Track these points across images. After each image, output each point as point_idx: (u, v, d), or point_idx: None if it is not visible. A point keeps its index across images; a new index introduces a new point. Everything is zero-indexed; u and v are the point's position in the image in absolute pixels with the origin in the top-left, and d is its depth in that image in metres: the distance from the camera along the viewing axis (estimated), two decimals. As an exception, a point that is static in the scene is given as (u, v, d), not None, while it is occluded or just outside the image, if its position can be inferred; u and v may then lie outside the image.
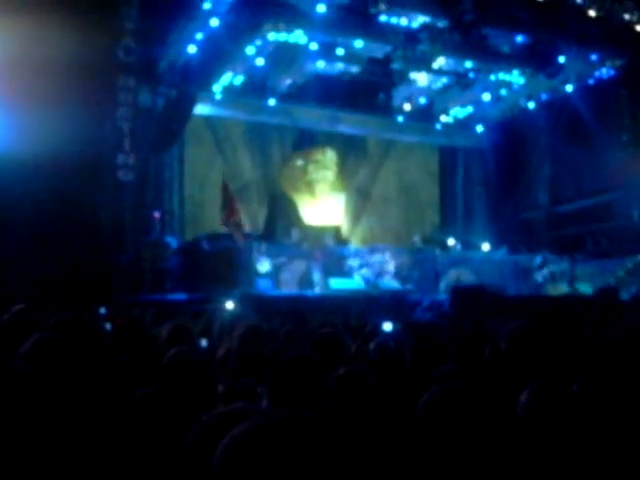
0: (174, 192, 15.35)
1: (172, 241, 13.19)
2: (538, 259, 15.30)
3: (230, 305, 8.83)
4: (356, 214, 18.33)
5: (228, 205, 13.73)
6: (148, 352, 4.08)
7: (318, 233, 16.54)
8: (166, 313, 8.27)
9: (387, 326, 5.36)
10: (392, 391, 3.35)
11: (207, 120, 16.23)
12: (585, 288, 14.12)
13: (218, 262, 11.54)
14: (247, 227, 15.59)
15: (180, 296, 11.11)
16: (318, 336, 4.21)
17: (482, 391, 2.85)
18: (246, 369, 3.59)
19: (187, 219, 15.76)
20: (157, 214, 13.49)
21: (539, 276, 14.96)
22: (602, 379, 2.80)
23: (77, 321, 4.26)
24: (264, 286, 12.53)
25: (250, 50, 13.50)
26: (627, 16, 14.33)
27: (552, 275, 14.80)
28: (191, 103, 14.40)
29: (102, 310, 8.93)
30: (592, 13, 13.92)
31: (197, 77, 14.10)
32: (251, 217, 16.61)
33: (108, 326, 6.65)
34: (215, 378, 2.87)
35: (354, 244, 16.63)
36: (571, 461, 2.28)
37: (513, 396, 2.64)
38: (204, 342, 4.82)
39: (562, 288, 14.41)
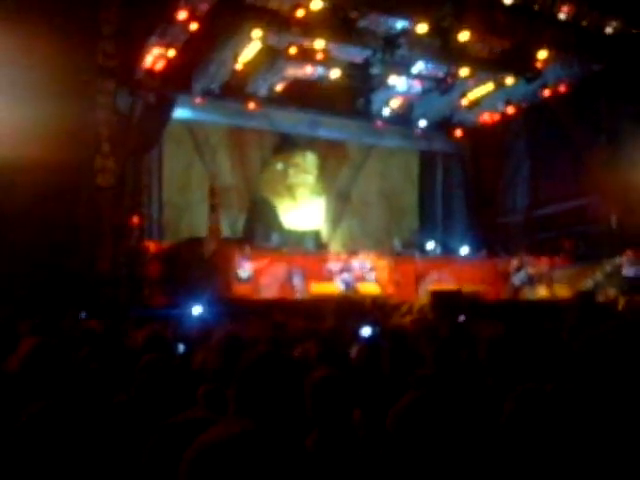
0: (153, 196, 15.26)
1: (151, 246, 13.13)
2: (515, 262, 15.39)
3: (197, 310, 8.78)
4: (336, 218, 18.35)
5: (216, 209, 13.70)
6: (124, 359, 4.06)
7: (298, 237, 16.54)
8: (144, 318, 8.24)
9: (365, 331, 5.37)
10: (370, 395, 3.35)
11: (186, 124, 16.16)
12: (563, 291, 14.23)
13: (197, 267, 11.50)
14: (226, 231, 15.56)
15: (159, 301, 11.05)
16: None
17: (457, 395, 2.86)
18: (222, 378, 3.57)
19: (166, 224, 15.69)
20: (135, 219, 13.41)
21: (517, 279, 15.05)
22: (575, 383, 2.82)
23: (56, 326, 4.24)
24: (244, 291, 12.49)
25: (229, 54, 13.49)
26: (604, 21, 14.46)
27: (530, 278, 14.89)
28: (170, 107, 14.35)
29: (82, 314, 8.88)
30: (570, 18, 14.03)
31: (176, 81, 14.06)
32: (231, 221, 16.56)
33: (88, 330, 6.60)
34: (189, 384, 2.85)
35: (334, 248, 16.63)
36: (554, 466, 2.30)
37: (490, 400, 2.65)
38: (181, 347, 4.79)
39: (540, 291, 14.50)
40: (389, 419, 2.31)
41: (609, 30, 14.45)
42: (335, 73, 14.86)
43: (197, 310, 8.56)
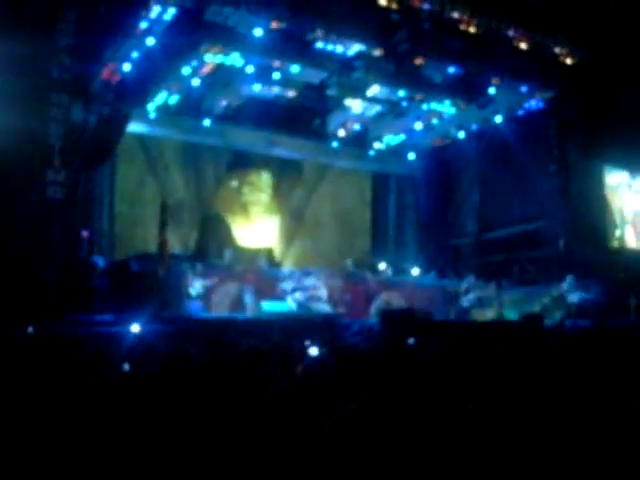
0: (104, 210, 15.09)
1: (100, 260, 12.96)
2: (464, 284, 15.59)
3: (136, 328, 8.67)
4: (289, 237, 18.38)
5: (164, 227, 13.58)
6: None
7: (251, 255, 16.48)
8: (92, 335, 8.13)
9: (313, 350, 5.40)
10: (314, 412, 3.37)
11: (140, 139, 16.06)
12: (511, 314, 14.44)
13: (147, 283, 11.39)
14: (178, 248, 15.44)
15: (107, 317, 10.89)
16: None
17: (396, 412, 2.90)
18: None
19: (117, 238, 15.51)
20: (85, 233, 13.21)
21: (466, 301, 15.24)
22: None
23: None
24: (195, 308, 12.39)
25: (186, 70, 13.48)
26: (557, 49, 14.84)
27: (479, 300, 15.08)
28: (124, 121, 14.22)
29: (30, 329, 8.72)
30: (523, 46, 14.37)
31: (131, 95, 13.96)
32: (182, 237, 16.45)
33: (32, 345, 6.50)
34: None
35: (287, 267, 16.63)
36: None
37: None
38: (126, 366, 4.74)
39: (488, 314, 14.70)
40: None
41: (562, 59, 14.84)
42: (292, 93, 14.97)
43: (135, 328, 8.43)
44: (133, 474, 2.36)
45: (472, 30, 13.71)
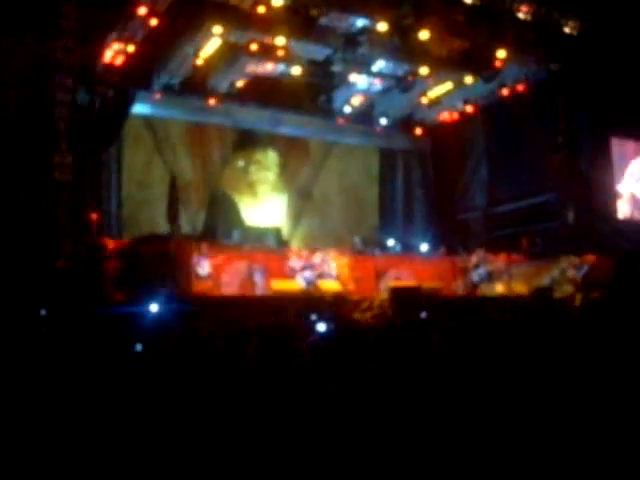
0: (112, 193, 15.10)
1: (110, 243, 12.99)
2: (473, 258, 15.57)
3: (154, 308, 8.72)
4: (297, 215, 18.36)
5: (174, 204, 13.60)
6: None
7: (259, 234, 16.49)
8: (103, 317, 8.19)
9: (321, 327, 5.42)
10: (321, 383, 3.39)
11: (146, 120, 16.02)
12: (520, 288, 14.42)
13: (157, 265, 11.43)
14: (186, 228, 15.48)
15: (118, 298, 10.95)
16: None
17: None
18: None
19: (125, 220, 15.53)
20: (94, 215, 13.26)
21: (475, 276, 15.22)
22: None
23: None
24: (204, 288, 12.42)
25: (190, 50, 13.43)
26: (562, 20, 14.70)
27: (488, 275, 15.07)
28: (129, 103, 14.22)
29: (42, 312, 8.80)
30: (528, 18, 14.24)
31: (136, 76, 13.95)
32: (190, 218, 16.46)
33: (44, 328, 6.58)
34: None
35: (295, 245, 16.64)
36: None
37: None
38: (139, 347, 4.79)
39: (498, 288, 14.69)
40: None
41: (568, 30, 14.70)
42: (296, 70, 14.86)
43: (154, 308, 8.49)
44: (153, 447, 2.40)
45: (477, 3, 13.58)
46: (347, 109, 17.24)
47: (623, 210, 16.57)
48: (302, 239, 17.83)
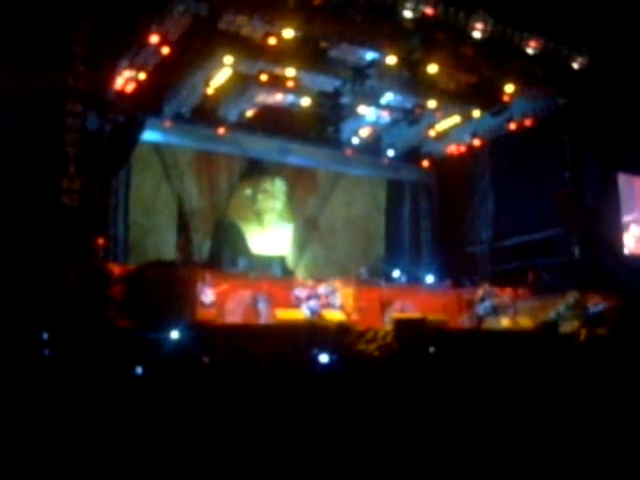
0: (119, 218, 15.14)
1: (115, 268, 13.00)
2: (479, 291, 15.51)
3: (175, 335, 8.76)
4: (302, 244, 18.37)
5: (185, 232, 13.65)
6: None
7: (265, 263, 16.50)
8: (108, 341, 8.16)
9: (323, 358, 5.39)
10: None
11: (155, 147, 16.14)
12: (526, 322, 14.34)
13: (162, 291, 11.41)
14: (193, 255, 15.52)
15: (123, 324, 10.93)
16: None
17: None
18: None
19: (132, 245, 15.57)
20: (101, 240, 13.30)
21: (481, 309, 15.15)
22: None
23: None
24: (208, 316, 12.39)
25: (200, 79, 13.55)
26: (570, 56, 14.78)
27: (494, 308, 14.99)
28: (139, 129, 14.34)
29: (44, 336, 8.78)
30: (536, 53, 14.32)
31: (146, 104, 14.07)
32: (196, 245, 16.51)
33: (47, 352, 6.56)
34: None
35: (299, 274, 16.64)
36: None
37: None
38: (139, 370, 4.77)
39: (504, 321, 14.61)
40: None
41: (576, 65, 14.78)
42: (305, 101, 14.99)
43: (175, 335, 8.52)
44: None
45: (485, 37, 13.68)
46: (355, 140, 17.34)
47: (629, 245, 16.53)
48: (306, 268, 17.83)
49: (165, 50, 12.67)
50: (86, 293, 12.06)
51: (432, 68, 13.68)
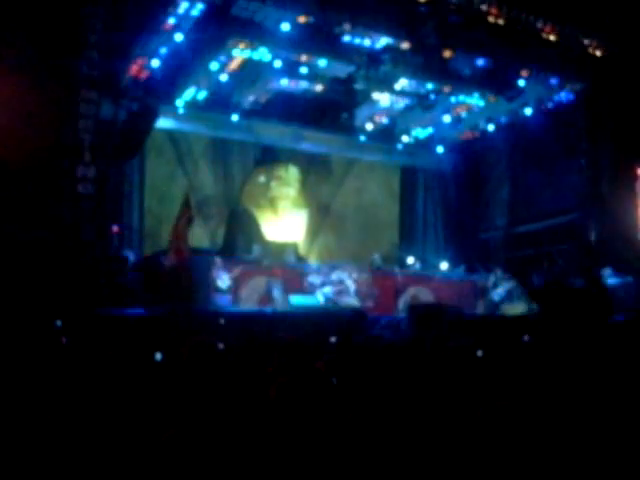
0: (134, 206, 15.21)
1: (130, 255, 13.07)
2: (493, 278, 15.48)
3: (189, 321, 8.81)
4: (314, 231, 18.38)
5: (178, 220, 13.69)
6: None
7: (278, 249, 16.53)
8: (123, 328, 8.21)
9: (338, 344, 5.39)
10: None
11: (169, 134, 16.17)
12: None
13: (176, 278, 11.46)
14: (206, 243, 15.56)
15: (138, 311, 11.00)
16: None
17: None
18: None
19: (146, 233, 15.64)
20: (115, 228, 13.36)
21: (495, 295, 15.12)
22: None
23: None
24: (223, 302, 12.46)
25: (214, 66, 13.54)
26: (586, 41, 14.64)
27: (509, 294, 14.97)
28: (153, 117, 14.35)
29: (58, 323, 8.84)
30: (552, 37, 14.19)
31: (160, 91, 14.09)
32: (210, 232, 16.57)
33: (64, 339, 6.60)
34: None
35: (312, 261, 16.66)
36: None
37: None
38: (158, 356, 4.80)
39: (518, 307, 14.58)
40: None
41: (592, 50, 14.64)
42: (319, 87, 14.94)
43: (189, 321, 8.58)
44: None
45: (500, 22, 13.56)
46: (369, 126, 17.27)
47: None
48: (318, 255, 17.84)
49: (179, 37, 12.66)
50: (102, 280, 12.14)
51: (447, 53, 13.59)
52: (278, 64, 13.47)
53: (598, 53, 14.67)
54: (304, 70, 13.90)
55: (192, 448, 2.37)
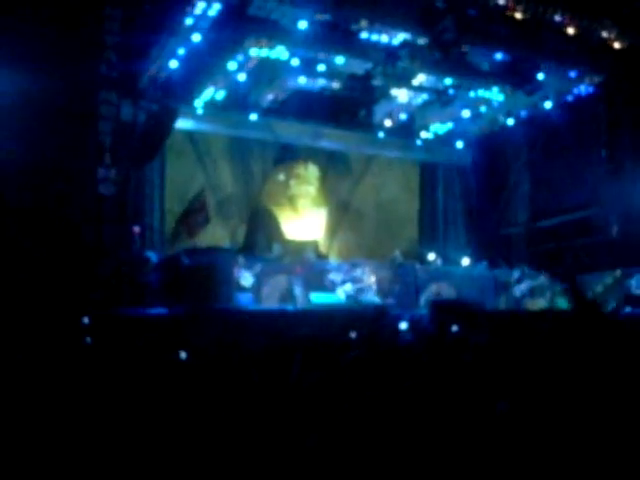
0: (155, 206, 15.29)
1: (152, 256, 13.15)
2: (516, 274, 15.39)
3: (212, 321, 8.85)
4: (334, 228, 18.37)
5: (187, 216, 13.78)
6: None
7: (299, 247, 16.55)
8: (147, 327, 8.27)
9: (360, 340, 5.38)
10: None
11: (189, 134, 16.24)
12: (563, 303, 14.22)
13: (198, 277, 11.51)
14: (226, 242, 15.62)
15: (160, 310, 11.06)
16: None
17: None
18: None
19: (167, 234, 15.71)
20: (137, 228, 13.44)
21: (518, 291, 15.05)
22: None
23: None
24: (245, 301, 12.50)
25: (232, 65, 13.56)
26: (605, 33, 14.50)
27: (531, 290, 14.89)
28: (172, 117, 14.41)
29: (85, 320, 8.93)
30: (570, 30, 14.08)
31: (179, 92, 14.15)
32: (231, 231, 16.63)
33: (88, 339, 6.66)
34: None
35: (332, 258, 16.67)
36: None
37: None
38: (183, 354, 4.83)
39: (540, 303, 14.50)
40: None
41: (611, 43, 14.50)
42: (337, 84, 14.93)
43: (212, 321, 8.63)
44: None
45: (518, 16, 13.47)
46: (387, 123, 17.22)
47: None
48: (338, 252, 17.83)
49: (196, 37, 12.71)
50: (124, 281, 12.23)
51: (465, 48, 13.52)
52: (295, 62, 13.48)
53: (617, 45, 14.52)
54: (322, 68, 13.88)
55: (217, 444, 2.39)
